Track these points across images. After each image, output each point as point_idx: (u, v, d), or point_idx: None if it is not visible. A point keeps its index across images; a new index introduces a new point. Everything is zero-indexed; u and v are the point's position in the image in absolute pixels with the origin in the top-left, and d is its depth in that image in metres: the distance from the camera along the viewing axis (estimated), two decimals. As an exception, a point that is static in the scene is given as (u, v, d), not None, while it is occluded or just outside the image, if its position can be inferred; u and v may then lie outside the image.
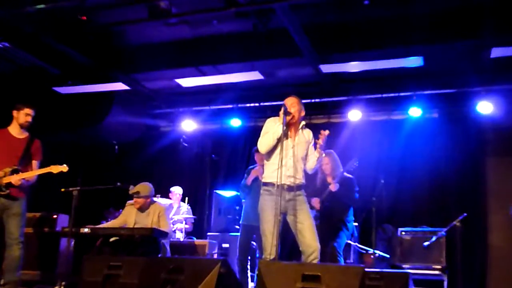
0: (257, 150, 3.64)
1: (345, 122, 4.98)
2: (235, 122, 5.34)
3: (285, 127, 2.48)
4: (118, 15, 3.67)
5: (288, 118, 2.56)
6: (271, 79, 4.75)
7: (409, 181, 4.54)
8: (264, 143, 2.54)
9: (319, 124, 5.15)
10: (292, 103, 2.63)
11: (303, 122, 2.70)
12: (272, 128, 2.56)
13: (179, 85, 4.89)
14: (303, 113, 2.66)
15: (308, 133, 2.70)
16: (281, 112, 2.54)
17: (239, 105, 5.28)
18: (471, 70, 3.99)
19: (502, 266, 4.01)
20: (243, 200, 3.77)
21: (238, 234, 3.69)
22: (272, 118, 2.68)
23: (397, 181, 4.57)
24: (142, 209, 3.54)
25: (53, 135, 4.49)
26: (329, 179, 3.61)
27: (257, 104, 5.19)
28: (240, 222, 3.71)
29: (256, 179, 3.66)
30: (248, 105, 5.23)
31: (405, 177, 4.58)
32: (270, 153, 2.58)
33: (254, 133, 5.07)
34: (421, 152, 4.56)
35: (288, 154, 2.56)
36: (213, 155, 4.25)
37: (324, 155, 3.31)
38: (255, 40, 3.90)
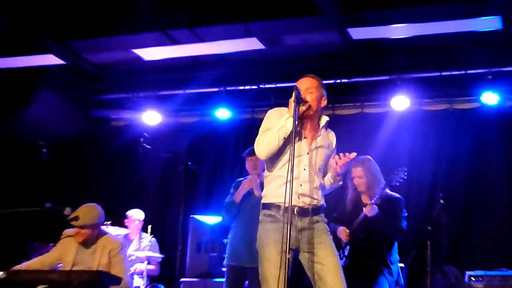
0: (250, 154, 3.74)
1: (386, 113, 4.96)
2: (222, 113, 5.45)
3: (297, 122, 2.46)
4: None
5: (303, 108, 2.55)
6: (276, 49, 4.67)
7: (481, 203, 4.40)
8: (264, 144, 2.54)
9: (347, 117, 5.19)
10: (308, 87, 2.62)
11: (326, 118, 2.69)
12: (277, 123, 2.54)
13: (139, 58, 4.86)
14: (324, 102, 2.67)
15: (332, 136, 2.73)
16: (292, 100, 2.52)
17: (228, 88, 5.33)
18: None
19: None
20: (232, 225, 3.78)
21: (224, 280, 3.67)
22: (276, 109, 2.67)
23: (464, 202, 4.44)
24: (85, 243, 3.35)
25: None
26: (364, 199, 3.61)
27: (254, 87, 5.24)
28: (225, 262, 3.73)
29: (249, 196, 3.72)
30: (241, 88, 5.29)
31: (476, 196, 4.43)
32: (273, 159, 2.57)
33: (249, 130, 5.39)
34: (500, 158, 4.46)
35: (301, 162, 2.55)
36: (189, 163, 4.04)
37: (356, 167, 3.56)
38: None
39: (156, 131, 5.45)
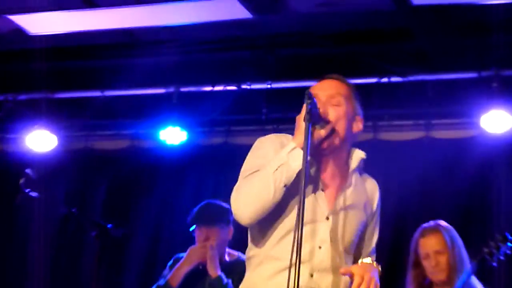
0: (202, 219, 4.21)
1: (473, 138, 5.43)
2: (172, 135, 5.81)
3: (310, 158, 2.52)
4: None
5: (321, 133, 2.61)
6: (273, 19, 4.86)
7: None
8: (248, 196, 2.62)
9: (403, 143, 5.73)
10: (332, 94, 2.73)
11: (361, 154, 2.78)
12: (273, 158, 2.63)
13: (21, 31, 5.03)
14: (360, 126, 2.79)
15: (373, 188, 2.87)
16: (301, 117, 2.57)
17: (183, 90, 5.73)
18: None
19: None
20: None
21: None
22: (273, 136, 2.80)
23: None
24: None
25: None
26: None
27: (231, 88, 5.69)
28: None
29: (198, 277, 4.01)
30: (207, 89, 5.73)
31: None
32: (264, 227, 2.67)
33: (220, 165, 5.90)
34: None
35: (317, 234, 2.62)
36: (109, 225, 4.22)
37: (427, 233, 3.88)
38: None
39: (50, 165, 5.75)
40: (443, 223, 4.02)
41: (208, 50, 5.36)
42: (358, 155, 2.76)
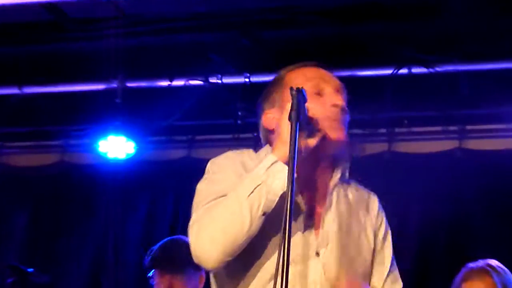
0: (157, 262, 4.27)
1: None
2: (116, 147, 5.85)
3: (296, 175, 2.54)
4: None
5: (310, 142, 2.68)
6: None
7: None
8: (215, 230, 2.65)
9: (427, 157, 5.84)
10: (321, 88, 2.82)
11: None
12: (241, 177, 2.70)
13: None
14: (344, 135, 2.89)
15: (373, 204, 2.97)
16: (284, 116, 2.62)
17: (130, 85, 5.77)
18: None
19: None
20: None
21: None
22: (230, 153, 2.89)
23: None
24: None
25: None
26: None
27: (198, 83, 5.74)
28: None
29: None
30: (163, 84, 5.82)
31: None
32: (235, 270, 2.72)
33: (182, 188, 5.99)
34: None
35: (307, 275, 2.70)
36: (30, 269, 4.47)
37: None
38: None
39: None
40: (494, 263, 4.07)
41: (163, 32, 5.39)
42: (342, 169, 2.85)
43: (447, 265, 5.35)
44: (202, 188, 2.78)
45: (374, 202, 2.97)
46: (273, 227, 2.61)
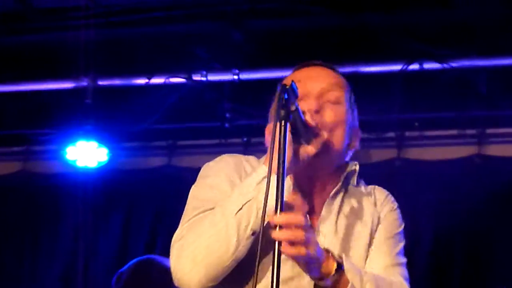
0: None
1: None
2: (87, 155, 5.88)
3: (292, 186, 2.71)
4: None
5: (309, 150, 2.68)
6: None
7: None
8: (198, 250, 2.68)
9: (442, 164, 5.87)
10: (325, 86, 2.85)
11: (353, 165, 2.95)
12: (233, 189, 2.74)
13: None
14: (356, 142, 2.95)
15: (379, 195, 3.01)
16: (270, 127, 2.67)
17: (102, 83, 5.81)
18: None
19: None
20: None
21: None
22: (226, 156, 2.93)
23: None
24: None
25: None
26: None
27: (180, 81, 5.75)
28: None
29: None
30: (139, 82, 5.81)
31: None
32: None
33: (165, 201, 6.11)
34: None
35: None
36: None
37: None
38: None
39: None
40: None
41: (140, 23, 5.41)
42: (346, 169, 2.87)
43: (463, 281, 5.38)
44: (192, 195, 2.76)
45: (381, 192, 2.96)
46: (264, 246, 2.52)
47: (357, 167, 2.91)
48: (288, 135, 2.51)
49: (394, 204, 3.00)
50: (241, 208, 2.59)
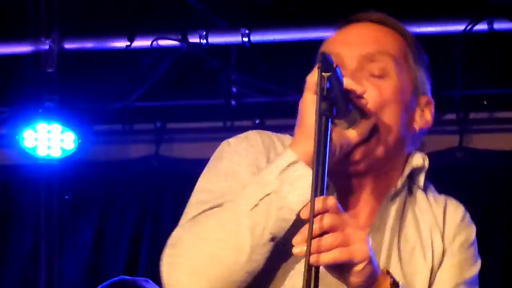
0: None
1: None
2: (47, 143, 5.96)
3: (328, 181, 2.52)
4: None
5: (351, 134, 2.66)
6: None
7: None
8: (200, 257, 2.64)
9: None
10: (368, 54, 2.78)
11: (417, 160, 2.92)
12: (248, 176, 2.70)
13: None
14: (426, 117, 2.90)
15: (453, 214, 2.95)
16: (308, 99, 2.59)
17: (69, 46, 5.93)
18: None
19: None
20: None
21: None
22: (255, 132, 2.89)
23: None
24: None
25: None
26: None
27: (172, 43, 5.87)
28: None
29: None
30: (118, 45, 5.94)
31: None
32: None
33: (151, 200, 6.34)
34: None
35: None
36: None
37: None
38: None
39: None
40: None
41: None
42: (412, 163, 2.85)
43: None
44: (199, 186, 2.74)
45: (456, 209, 2.88)
46: (286, 257, 2.59)
47: (427, 162, 2.81)
48: (321, 122, 2.39)
49: (472, 231, 2.91)
50: (257, 205, 2.53)
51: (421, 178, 2.82)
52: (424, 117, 2.76)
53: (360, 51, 2.70)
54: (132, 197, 6.43)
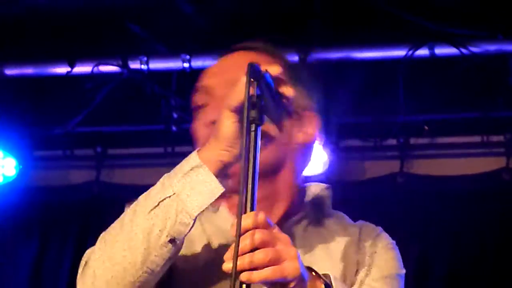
0: None
1: None
2: None
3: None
4: None
5: (269, 129, 2.73)
6: None
7: None
8: (103, 262, 2.62)
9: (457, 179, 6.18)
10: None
11: (316, 188, 3.09)
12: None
13: None
14: (310, 129, 2.95)
15: (368, 233, 3.05)
16: (224, 105, 2.64)
17: (10, 72, 5.86)
18: None
19: None
20: None
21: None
22: None
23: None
24: None
25: None
26: None
27: (113, 69, 5.82)
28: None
29: None
30: (59, 71, 5.85)
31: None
32: None
33: (91, 229, 6.24)
34: None
35: None
36: None
37: None
38: None
39: None
40: None
41: None
42: (311, 190, 2.93)
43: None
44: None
45: (372, 229, 2.96)
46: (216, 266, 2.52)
47: (329, 192, 2.92)
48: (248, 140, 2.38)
49: (392, 242, 2.95)
50: (156, 206, 2.53)
51: (327, 206, 2.90)
52: (306, 132, 2.78)
53: (227, 78, 2.70)
54: (73, 222, 6.38)
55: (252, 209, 2.38)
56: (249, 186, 2.37)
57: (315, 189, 2.97)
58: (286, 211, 2.86)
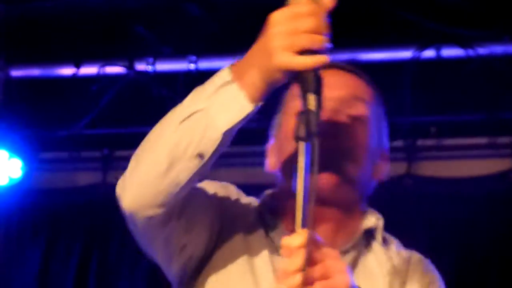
0: None
1: None
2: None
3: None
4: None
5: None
6: None
7: None
8: (138, 162, 2.70)
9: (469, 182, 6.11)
10: (344, 96, 2.82)
11: (372, 220, 2.94)
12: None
13: None
14: (383, 169, 2.93)
15: (417, 266, 2.98)
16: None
17: (15, 74, 5.93)
18: None
19: None
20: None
21: None
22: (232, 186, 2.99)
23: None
24: None
25: None
26: None
27: (118, 71, 5.88)
28: None
29: None
30: (64, 73, 5.94)
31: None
32: None
33: (99, 233, 6.34)
34: None
35: None
36: None
37: None
38: None
39: None
40: None
41: None
42: (363, 224, 2.83)
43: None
44: None
45: (421, 261, 2.90)
46: (234, 243, 2.62)
47: (381, 222, 2.83)
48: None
49: (438, 278, 2.88)
50: (186, 119, 2.51)
51: (378, 237, 2.82)
52: (381, 169, 2.77)
53: (338, 93, 2.69)
54: (79, 224, 6.40)
55: (304, 225, 2.33)
56: (300, 204, 2.29)
57: (368, 222, 2.86)
58: (340, 240, 2.83)
